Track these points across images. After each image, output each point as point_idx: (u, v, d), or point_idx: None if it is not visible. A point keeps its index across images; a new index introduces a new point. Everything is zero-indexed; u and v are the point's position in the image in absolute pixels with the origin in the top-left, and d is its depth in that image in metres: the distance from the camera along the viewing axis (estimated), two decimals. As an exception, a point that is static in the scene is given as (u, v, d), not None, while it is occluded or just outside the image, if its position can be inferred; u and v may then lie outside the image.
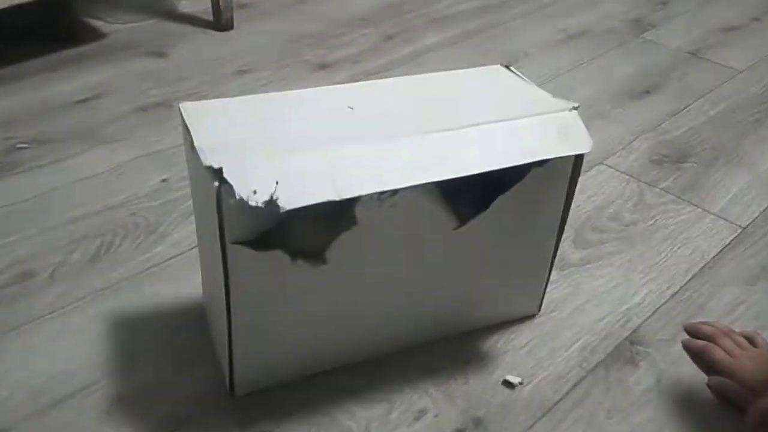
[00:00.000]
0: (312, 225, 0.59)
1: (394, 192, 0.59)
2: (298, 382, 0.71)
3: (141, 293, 0.81)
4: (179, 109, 0.63)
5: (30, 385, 0.70)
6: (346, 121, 0.63)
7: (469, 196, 0.65)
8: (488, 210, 0.66)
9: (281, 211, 0.55)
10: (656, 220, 0.96)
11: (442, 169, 0.60)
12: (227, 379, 0.69)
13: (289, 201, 0.55)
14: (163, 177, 1.00)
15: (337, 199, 0.56)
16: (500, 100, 0.68)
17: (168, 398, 0.70)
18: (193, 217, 0.80)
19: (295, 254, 0.61)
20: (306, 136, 0.60)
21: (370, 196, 0.59)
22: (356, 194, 0.57)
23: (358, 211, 0.60)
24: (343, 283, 0.65)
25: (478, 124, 0.63)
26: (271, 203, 0.55)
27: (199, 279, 0.79)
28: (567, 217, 0.73)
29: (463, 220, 0.66)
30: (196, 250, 0.86)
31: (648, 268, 0.88)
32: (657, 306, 0.83)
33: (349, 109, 0.65)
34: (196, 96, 1.19)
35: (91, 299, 0.80)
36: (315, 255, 0.62)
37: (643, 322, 0.81)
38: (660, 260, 0.89)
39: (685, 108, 1.22)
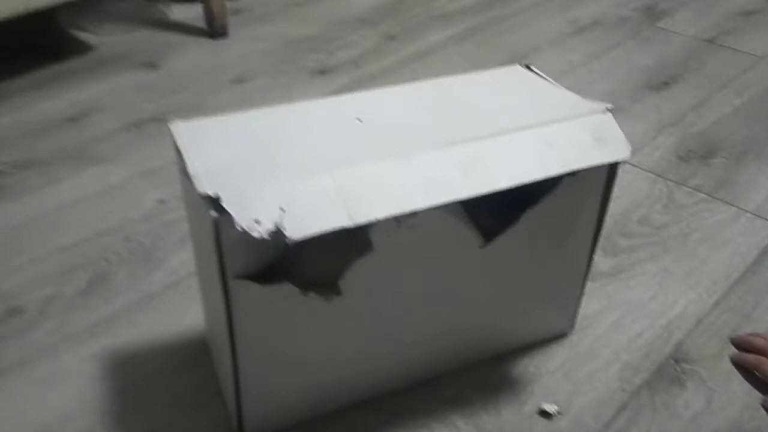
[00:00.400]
0: (323, 253, 0.53)
1: (414, 213, 0.53)
2: (314, 422, 0.65)
3: (138, 327, 0.75)
4: (170, 129, 0.57)
5: (19, 437, 0.64)
6: (355, 135, 0.57)
7: (495, 210, 0.59)
8: (516, 224, 0.60)
9: (288, 241, 0.48)
10: (689, 222, 0.89)
11: (466, 186, 0.53)
12: (235, 422, 0.63)
13: (297, 230, 0.49)
14: (159, 197, 0.93)
15: (351, 225, 0.50)
16: (525, 104, 0.61)
17: (171, 446, 0.63)
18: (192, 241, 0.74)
19: (305, 286, 0.54)
20: (312, 155, 0.54)
21: (387, 218, 0.52)
22: (372, 218, 0.50)
23: (374, 235, 0.53)
24: (359, 313, 0.59)
25: (503, 133, 0.57)
26: (277, 234, 0.48)
27: (201, 307, 0.72)
28: (602, 228, 0.66)
29: (488, 236, 0.60)
30: (195, 276, 0.80)
31: (686, 276, 0.81)
32: (699, 317, 0.76)
33: (358, 121, 0.58)
34: (192, 108, 1.13)
35: (84, 336, 0.74)
36: (328, 286, 0.55)
37: (686, 336, 0.74)
38: (698, 266, 0.83)
39: (708, 99, 1.15)
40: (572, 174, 0.58)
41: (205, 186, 0.49)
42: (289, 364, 0.60)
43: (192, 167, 0.52)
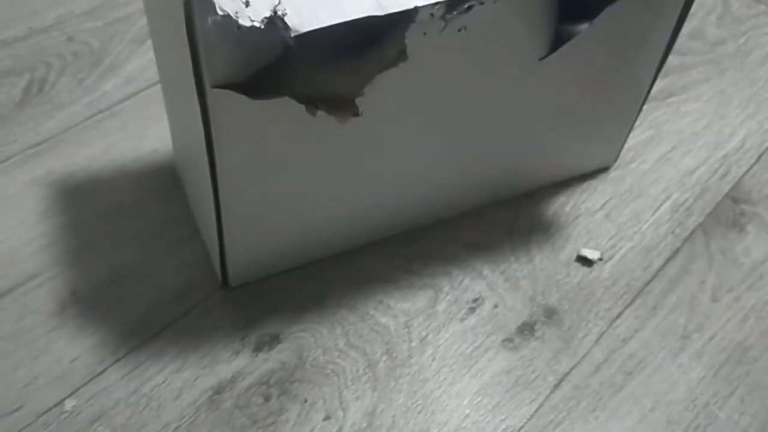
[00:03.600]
0: (339, 59, 0.39)
1: (469, 6, 0.38)
2: (312, 268, 0.54)
3: (89, 148, 0.61)
4: None
5: (-52, 281, 0.52)
6: None
7: (565, 11, 0.44)
8: (585, 31, 0.46)
9: (291, 35, 0.34)
10: (748, 38, 0.76)
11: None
12: (218, 268, 0.52)
13: (304, 19, 0.34)
14: (107, -13, 0.75)
15: (380, 14, 0.35)
16: None
17: (139, 293, 0.52)
18: (152, 41, 0.58)
19: (312, 102, 0.40)
20: None
21: (432, 13, 0.37)
22: (412, 5, 0.36)
23: (411, 37, 0.39)
24: (376, 138, 0.46)
25: None
26: (275, 23, 0.34)
27: (166, 125, 0.58)
28: (676, 40, 0.52)
29: (554, 45, 0.45)
30: (158, 86, 0.65)
31: (745, 102, 0.69)
32: (761, 150, 0.65)
33: None
34: None
35: (23, 159, 0.60)
36: (343, 103, 0.41)
37: (746, 172, 0.63)
38: (758, 90, 0.70)
39: None
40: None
41: (170, -51, 0.33)
42: (283, 200, 0.48)
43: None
